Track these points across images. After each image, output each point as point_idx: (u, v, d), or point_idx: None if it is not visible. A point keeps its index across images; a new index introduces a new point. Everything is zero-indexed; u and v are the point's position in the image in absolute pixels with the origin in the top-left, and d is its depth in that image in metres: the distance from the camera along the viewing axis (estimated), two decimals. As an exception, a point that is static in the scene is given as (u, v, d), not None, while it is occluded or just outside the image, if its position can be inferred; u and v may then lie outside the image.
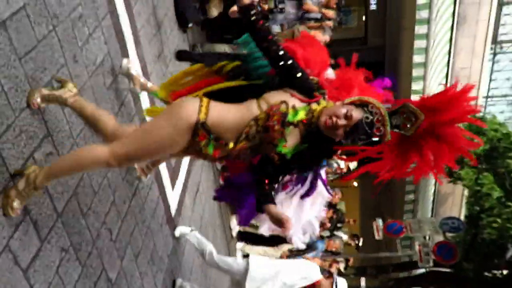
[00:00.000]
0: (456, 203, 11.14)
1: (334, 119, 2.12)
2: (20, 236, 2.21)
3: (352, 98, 2.23)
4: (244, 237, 7.78)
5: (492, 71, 11.74)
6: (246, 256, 7.69)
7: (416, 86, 9.87)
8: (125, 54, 3.72)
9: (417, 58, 9.83)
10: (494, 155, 9.29)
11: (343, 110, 2.13)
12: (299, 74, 2.25)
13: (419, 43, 9.75)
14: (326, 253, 8.70)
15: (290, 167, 2.43)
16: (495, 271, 10.53)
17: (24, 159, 2.27)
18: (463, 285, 10.84)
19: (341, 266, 9.06)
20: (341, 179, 9.66)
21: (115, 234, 3.28)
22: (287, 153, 2.25)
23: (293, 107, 2.21)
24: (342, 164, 7.81)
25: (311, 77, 2.35)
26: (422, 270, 11.13)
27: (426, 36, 9.62)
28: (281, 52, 2.25)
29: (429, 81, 9.94)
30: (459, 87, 2.16)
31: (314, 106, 2.25)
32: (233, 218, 7.68)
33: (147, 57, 4.26)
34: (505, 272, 10.43)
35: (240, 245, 7.72)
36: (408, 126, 2.13)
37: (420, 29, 9.61)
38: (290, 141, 2.24)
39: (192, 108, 2.20)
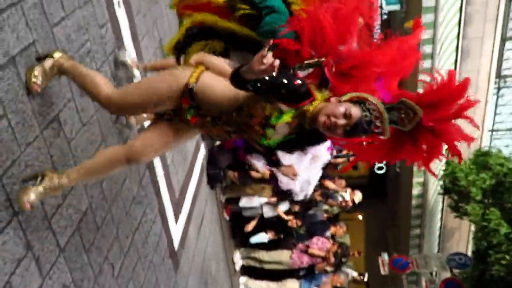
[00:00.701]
0: (463, 238, 10.98)
1: (333, 119, 2.06)
2: (21, 272, 2.18)
3: (348, 95, 2.15)
4: (247, 271, 7.67)
5: (496, 105, 11.77)
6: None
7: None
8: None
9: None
10: (500, 190, 9.18)
11: (342, 109, 2.07)
12: (283, 91, 2.12)
13: (423, 78, 9.84)
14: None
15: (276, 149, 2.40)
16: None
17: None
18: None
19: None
20: (346, 212, 9.58)
21: (117, 270, 3.24)
22: (271, 145, 2.26)
23: (279, 110, 2.15)
24: (347, 196, 7.76)
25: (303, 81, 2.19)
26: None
27: (430, 70, 9.71)
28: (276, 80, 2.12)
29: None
30: (456, 82, 2.11)
31: (305, 107, 2.17)
32: (237, 252, 7.59)
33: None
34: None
35: (243, 279, 7.60)
36: (406, 121, 2.08)
37: (424, 64, 9.69)
38: (276, 136, 2.22)
39: (186, 72, 2.33)
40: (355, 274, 9.31)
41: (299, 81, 2.14)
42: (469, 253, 9.39)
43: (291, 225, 7.04)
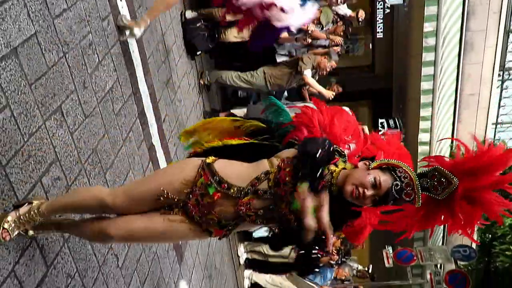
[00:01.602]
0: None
1: (361, 189, 1.94)
2: (26, 261, 2.20)
3: (378, 161, 2.04)
4: (252, 264, 7.69)
5: (500, 98, 11.72)
6: (253, 284, 7.61)
7: (424, 112, 9.86)
8: (134, 81, 3.77)
9: (425, 85, 9.85)
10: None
11: (370, 179, 1.95)
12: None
13: (426, 70, 9.77)
14: (335, 281, 8.55)
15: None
16: (509, 301, 10.27)
17: (32, 183, 2.28)
18: (476, 315, 10.57)
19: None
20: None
21: (121, 260, 3.26)
22: None
23: None
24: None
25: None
26: (434, 300, 10.89)
27: (434, 63, 9.67)
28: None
29: (437, 108, 9.93)
30: (496, 150, 1.98)
31: (332, 167, 2.06)
32: (241, 245, 7.62)
33: (155, 83, 4.31)
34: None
35: (247, 272, 7.63)
36: (440, 190, 1.97)
37: (427, 56, 9.65)
38: (308, 201, 2.01)
39: (197, 159, 2.19)
40: (359, 267, 9.33)
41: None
42: (474, 246, 9.35)
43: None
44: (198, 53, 5.83)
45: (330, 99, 6.39)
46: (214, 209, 2.10)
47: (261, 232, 7.26)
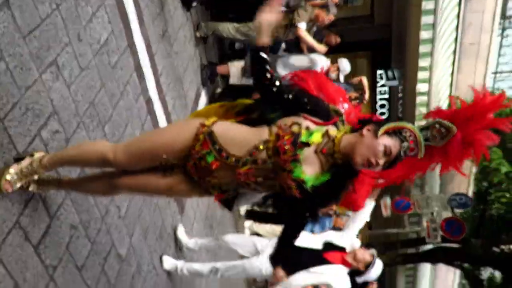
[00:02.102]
0: (464, 179, 11.11)
1: (373, 160, 1.98)
2: (29, 213, 2.25)
3: (386, 127, 2.05)
4: (252, 215, 7.83)
5: (501, 46, 11.61)
6: (254, 234, 7.76)
7: (423, 62, 9.78)
8: (129, 33, 3.72)
9: (425, 34, 9.72)
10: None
11: (381, 148, 1.99)
12: (306, 99, 2.10)
13: (426, 19, 9.61)
14: (333, 230, 8.73)
15: (311, 202, 2.15)
16: (503, 246, 10.56)
17: (31, 136, 2.30)
18: (471, 260, 10.88)
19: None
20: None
21: (123, 211, 3.33)
22: (307, 181, 2.03)
23: (307, 127, 2.06)
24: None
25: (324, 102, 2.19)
26: (430, 246, 11.17)
27: (434, 12, 9.49)
28: (281, 87, 2.11)
29: (437, 58, 9.84)
30: (489, 97, 2.07)
31: (331, 131, 2.09)
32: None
33: (151, 36, 4.25)
34: (513, 247, 10.46)
35: (248, 223, 7.78)
36: (439, 138, 2.07)
37: (427, 5, 9.46)
38: (308, 169, 2.04)
39: (198, 120, 2.19)
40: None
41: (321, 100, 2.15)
42: (470, 194, 9.52)
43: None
44: (193, 4, 5.72)
45: (323, 53, 6.30)
46: (212, 174, 2.13)
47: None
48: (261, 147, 2.05)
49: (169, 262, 4.17)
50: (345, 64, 6.55)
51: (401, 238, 12.23)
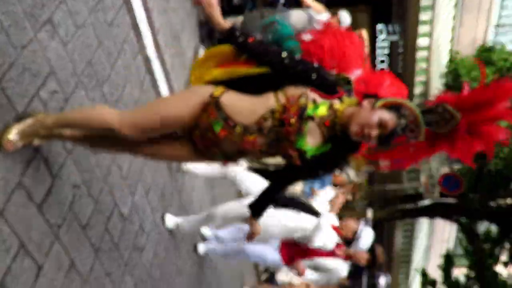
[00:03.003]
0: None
1: (367, 130, 1.99)
2: (32, 173, 2.26)
3: (383, 100, 2.05)
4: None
5: (503, -1, 11.37)
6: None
7: (424, 16, 9.61)
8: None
9: (426, -13, 9.52)
10: (503, 85, 9.16)
11: (375, 119, 1.99)
12: (313, 76, 2.09)
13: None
14: (333, 186, 8.80)
15: (310, 169, 2.24)
16: (500, 201, 10.70)
17: (29, 97, 2.27)
18: (469, 215, 11.05)
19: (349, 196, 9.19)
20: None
21: (125, 171, 3.34)
22: (308, 151, 2.09)
23: (313, 100, 2.08)
24: None
25: (333, 73, 2.19)
26: (428, 202, 11.33)
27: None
28: (287, 61, 2.09)
29: (438, 11, 9.66)
30: (497, 85, 2.03)
31: (336, 104, 2.11)
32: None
33: (147, -8, 4.15)
34: (510, 201, 10.60)
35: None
36: (442, 124, 2.04)
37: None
38: (311, 140, 2.10)
39: (206, 88, 2.18)
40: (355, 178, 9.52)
41: (329, 73, 2.13)
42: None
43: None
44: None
45: (320, 13, 6.16)
46: (218, 144, 2.17)
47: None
48: (267, 116, 2.08)
49: (171, 221, 4.22)
50: (345, 17, 6.43)
51: (399, 194, 12.39)
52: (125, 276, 3.23)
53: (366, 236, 4.21)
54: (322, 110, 2.08)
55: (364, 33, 6.64)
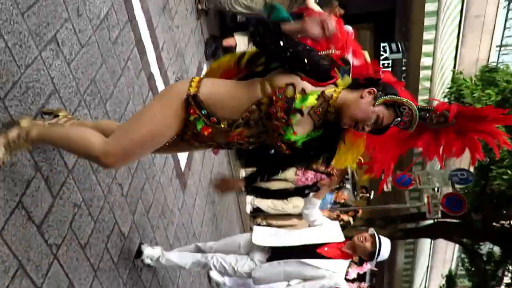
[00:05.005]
0: (466, 154, 11.08)
1: (360, 126, 2.01)
2: (32, 192, 2.23)
3: (383, 98, 2.02)
4: (253, 190, 7.84)
5: (506, 19, 11.41)
6: (256, 209, 7.81)
7: (427, 35, 9.64)
8: (129, 7, 3.64)
9: (430, 7, 9.56)
10: (506, 106, 9.15)
11: (373, 117, 2.00)
12: (306, 60, 1.98)
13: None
14: (334, 204, 8.77)
15: (300, 156, 2.25)
16: (503, 222, 10.62)
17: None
18: (471, 235, 10.96)
19: (350, 218, 9.16)
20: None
21: (126, 189, 3.31)
22: (298, 141, 2.06)
23: (302, 91, 2.00)
24: None
25: (328, 53, 2.17)
26: (430, 221, 11.24)
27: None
28: (282, 43, 1.99)
29: (441, 30, 9.70)
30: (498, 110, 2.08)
31: (328, 90, 2.06)
32: (243, 171, 7.73)
33: (151, 9, 4.17)
34: (513, 222, 10.53)
35: (249, 198, 7.81)
36: (434, 122, 2.06)
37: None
38: (301, 129, 2.05)
39: (182, 86, 2.09)
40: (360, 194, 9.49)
41: (324, 58, 2.09)
42: (471, 170, 9.51)
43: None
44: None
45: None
46: (210, 138, 2.15)
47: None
48: (253, 109, 2.03)
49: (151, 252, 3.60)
50: (348, 29, 6.45)
51: (402, 213, 12.30)
52: (123, 296, 3.19)
53: (385, 247, 3.86)
54: (311, 100, 2.02)
55: (366, 54, 6.66)
